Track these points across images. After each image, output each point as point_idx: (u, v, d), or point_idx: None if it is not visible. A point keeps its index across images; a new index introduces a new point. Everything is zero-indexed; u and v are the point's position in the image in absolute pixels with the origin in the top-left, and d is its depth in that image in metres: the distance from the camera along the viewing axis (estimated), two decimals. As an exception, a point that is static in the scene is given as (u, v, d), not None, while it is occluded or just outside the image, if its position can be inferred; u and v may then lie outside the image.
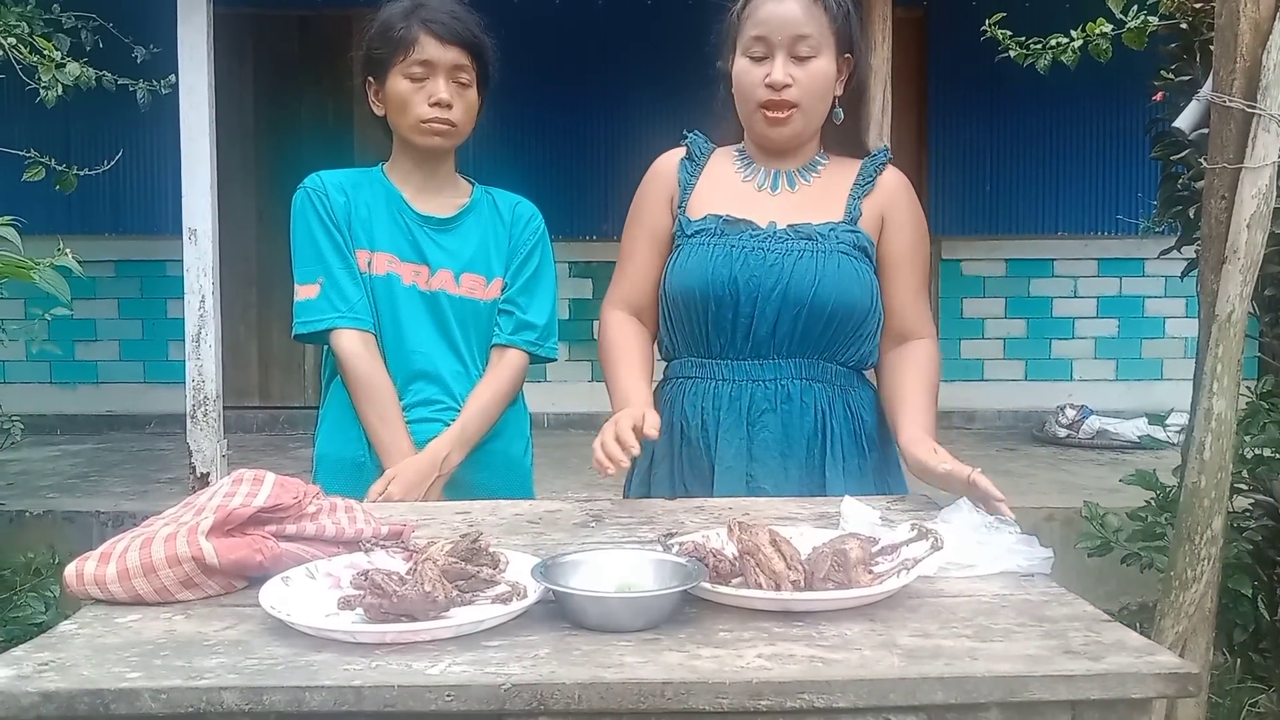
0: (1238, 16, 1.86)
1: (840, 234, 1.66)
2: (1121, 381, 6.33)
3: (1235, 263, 1.86)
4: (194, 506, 1.19)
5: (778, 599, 1.04)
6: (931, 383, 1.69)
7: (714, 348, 1.68)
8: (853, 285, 1.63)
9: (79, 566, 1.10)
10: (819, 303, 1.61)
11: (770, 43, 1.63)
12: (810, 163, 1.75)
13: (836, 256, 1.63)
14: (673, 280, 1.69)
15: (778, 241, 1.65)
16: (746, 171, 1.75)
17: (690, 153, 1.79)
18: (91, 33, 4.23)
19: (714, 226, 1.68)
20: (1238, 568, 2.34)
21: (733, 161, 1.78)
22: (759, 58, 1.65)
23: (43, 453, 5.26)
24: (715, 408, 1.67)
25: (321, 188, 1.85)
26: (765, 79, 1.63)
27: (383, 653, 0.94)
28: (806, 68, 1.64)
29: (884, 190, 1.73)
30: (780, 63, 1.63)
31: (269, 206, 6.04)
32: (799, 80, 1.64)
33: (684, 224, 1.71)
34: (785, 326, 1.63)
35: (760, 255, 1.63)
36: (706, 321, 1.66)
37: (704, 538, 1.18)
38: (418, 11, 1.80)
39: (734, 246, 1.64)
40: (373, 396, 1.80)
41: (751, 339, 1.65)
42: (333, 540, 1.22)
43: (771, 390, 1.66)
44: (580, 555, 1.13)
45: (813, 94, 1.66)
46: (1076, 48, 2.75)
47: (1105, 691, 0.90)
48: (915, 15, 5.98)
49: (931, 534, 1.15)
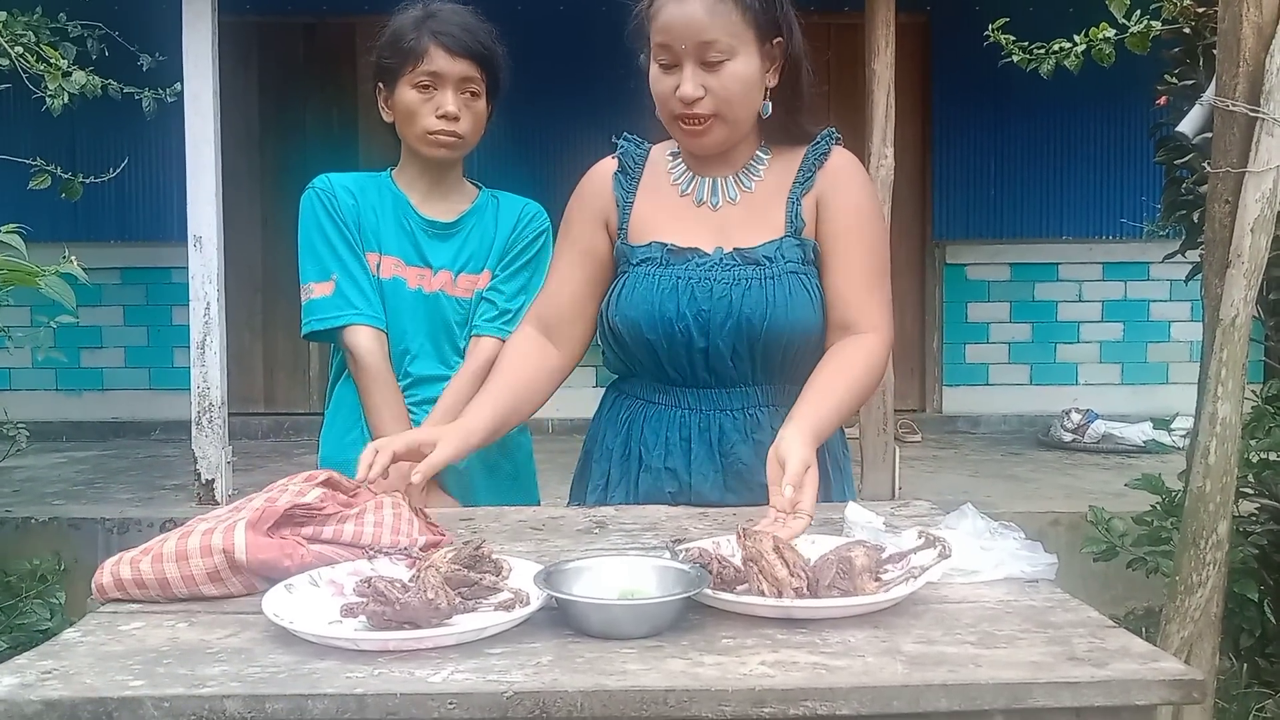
0: (1240, 21, 1.86)
1: (786, 251, 1.55)
2: (1127, 386, 6.31)
3: (1239, 267, 1.85)
4: (244, 508, 1.20)
5: (779, 606, 1.03)
6: (847, 380, 1.48)
7: (673, 377, 1.59)
8: (804, 309, 1.53)
9: (115, 564, 1.13)
10: (773, 332, 1.52)
11: (675, 52, 1.49)
12: (749, 165, 1.61)
13: (785, 280, 1.53)
14: (620, 311, 1.58)
15: (724, 270, 1.54)
16: (684, 182, 1.62)
17: (623, 165, 1.66)
18: (97, 41, 4.25)
19: (659, 255, 1.57)
20: (1243, 572, 2.34)
21: (669, 168, 1.64)
22: (668, 66, 1.51)
23: (48, 460, 5.27)
24: (684, 438, 1.59)
25: (330, 188, 1.86)
26: (675, 91, 1.50)
27: (385, 660, 0.94)
28: (720, 74, 1.48)
29: (822, 179, 1.58)
30: (689, 73, 1.48)
31: (274, 213, 6.05)
32: (712, 89, 1.49)
33: (627, 252, 1.61)
34: (743, 357, 1.55)
35: (707, 287, 1.53)
36: (658, 355, 1.57)
37: (714, 544, 1.17)
38: (428, 22, 1.80)
39: (680, 279, 1.54)
40: (384, 392, 1.81)
41: (711, 370, 1.56)
42: (368, 547, 1.22)
43: (740, 420, 1.58)
44: (583, 562, 1.13)
45: (730, 101, 1.50)
46: (1079, 52, 2.76)
47: (1110, 698, 0.89)
48: (919, 20, 5.99)
49: (939, 541, 1.13)
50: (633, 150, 1.68)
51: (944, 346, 6.37)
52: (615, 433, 1.65)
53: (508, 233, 1.91)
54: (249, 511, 1.16)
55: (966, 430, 6.24)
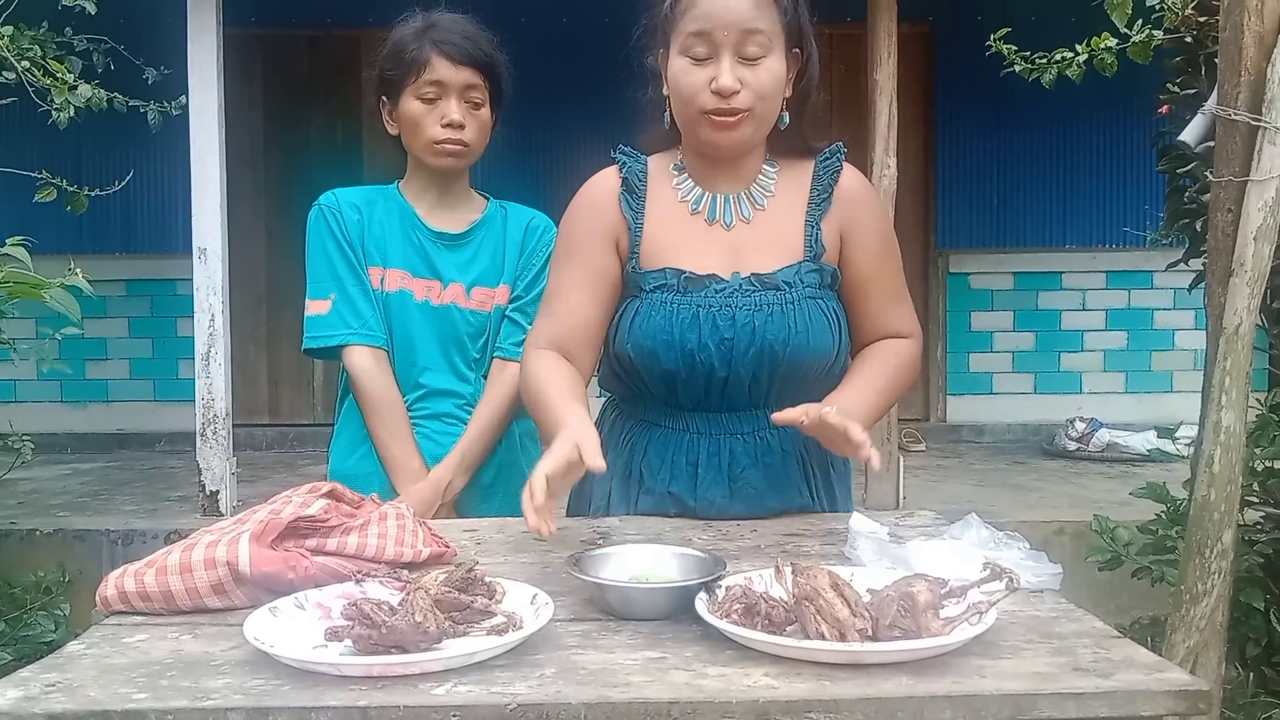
0: (1242, 30, 1.86)
1: (805, 276, 1.52)
2: (1131, 394, 6.30)
3: (1242, 275, 1.85)
4: (248, 520, 1.20)
5: (847, 651, 0.94)
6: (885, 370, 1.54)
7: (684, 403, 1.56)
8: (823, 335, 1.51)
9: (119, 576, 1.13)
10: (794, 358, 1.49)
11: (715, 41, 1.43)
12: (759, 180, 1.57)
13: (805, 306, 1.51)
14: (634, 340, 1.52)
15: (744, 296, 1.50)
16: (694, 200, 1.57)
17: (627, 183, 1.58)
18: (103, 55, 4.27)
19: (675, 282, 1.51)
20: (1249, 581, 2.33)
21: (673, 183, 1.59)
22: (701, 58, 1.45)
23: (53, 471, 5.28)
24: (690, 462, 1.56)
25: (336, 205, 1.86)
26: (711, 84, 1.44)
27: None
28: (757, 69, 1.45)
29: (841, 203, 1.56)
30: (727, 64, 1.43)
31: (278, 225, 6.07)
32: (749, 84, 1.44)
33: (640, 279, 1.54)
34: (762, 383, 1.52)
35: (729, 314, 1.49)
36: (675, 383, 1.53)
37: (747, 580, 1.10)
38: (429, 32, 1.81)
39: (700, 306, 1.50)
40: (383, 413, 1.81)
41: (726, 396, 1.53)
42: (372, 559, 1.22)
43: (751, 443, 1.55)
44: (613, 548, 1.24)
45: (765, 99, 1.46)
46: (1081, 62, 2.76)
47: (1115, 709, 0.89)
48: (921, 30, 6.00)
49: (1006, 574, 1.03)
50: (635, 167, 1.60)
51: (948, 355, 6.36)
52: (617, 453, 1.61)
53: (518, 245, 1.91)
54: (253, 524, 1.16)
55: (971, 439, 6.23)
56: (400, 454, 1.80)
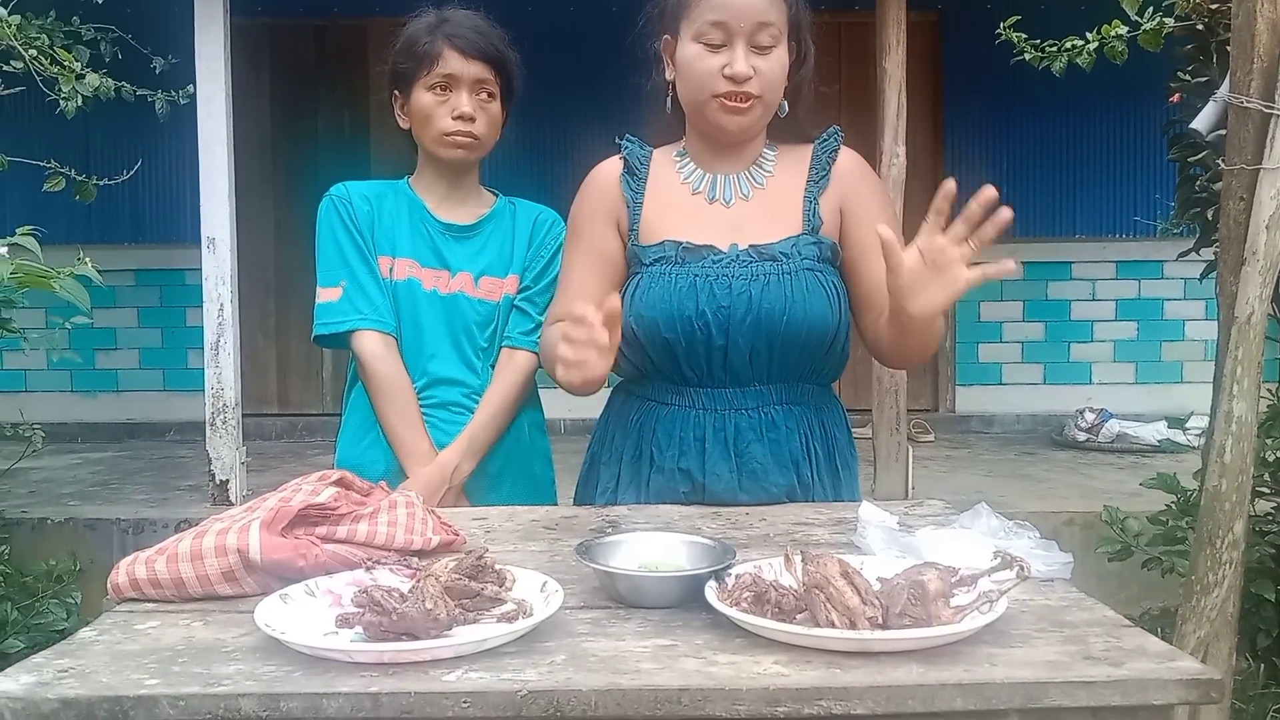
0: (1255, 17, 1.85)
1: (803, 248, 1.56)
2: (1141, 384, 6.28)
3: (1254, 264, 1.84)
4: (258, 508, 1.20)
5: (857, 639, 0.94)
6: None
7: (689, 377, 1.58)
8: (822, 306, 1.54)
9: (130, 563, 1.13)
10: (792, 328, 1.53)
11: (730, 30, 1.52)
12: (759, 161, 1.65)
13: (803, 276, 1.54)
14: (635, 311, 1.56)
15: (742, 266, 1.55)
16: (695, 181, 1.64)
17: (629, 165, 1.67)
18: (110, 44, 4.28)
19: (673, 254, 1.57)
20: (1260, 572, 2.33)
21: (674, 167, 1.66)
22: (716, 45, 1.53)
23: (64, 460, 5.30)
24: (698, 438, 1.58)
25: (346, 195, 1.88)
26: (724, 70, 1.52)
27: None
28: (768, 58, 1.54)
29: (838, 180, 1.63)
30: (741, 53, 1.52)
31: (287, 215, 6.08)
32: (761, 71, 1.53)
33: (639, 252, 1.60)
34: (761, 354, 1.55)
35: (725, 283, 1.54)
36: (676, 354, 1.56)
37: (756, 568, 1.10)
38: (442, 26, 1.83)
39: (698, 276, 1.55)
40: (393, 397, 1.82)
41: (728, 368, 1.56)
42: (382, 547, 1.22)
43: (755, 419, 1.58)
44: (621, 536, 1.23)
45: (773, 87, 1.56)
46: (1092, 50, 2.74)
47: (1126, 698, 0.89)
48: (930, 18, 5.97)
49: (1016, 562, 1.03)
50: (637, 151, 1.68)
51: (957, 346, 6.34)
52: (625, 434, 1.65)
53: (527, 238, 1.92)
54: (263, 511, 1.16)
55: (980, 430, 6.22)
56: (409, 438, 1.81)
